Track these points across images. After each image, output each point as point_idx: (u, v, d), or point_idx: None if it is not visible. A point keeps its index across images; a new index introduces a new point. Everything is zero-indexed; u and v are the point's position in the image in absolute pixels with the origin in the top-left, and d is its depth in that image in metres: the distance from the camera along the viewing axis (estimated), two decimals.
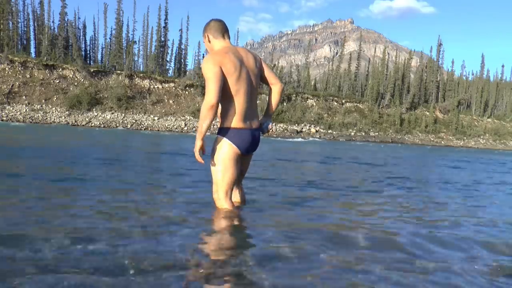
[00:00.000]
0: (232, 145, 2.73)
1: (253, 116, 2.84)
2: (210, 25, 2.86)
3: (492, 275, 1.90)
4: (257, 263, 1.89)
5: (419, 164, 12.10)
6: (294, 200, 3.68)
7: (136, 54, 50.91)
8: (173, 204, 3.28)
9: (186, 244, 2.13)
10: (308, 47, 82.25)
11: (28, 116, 36.41)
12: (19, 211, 2.65)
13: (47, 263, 1.71)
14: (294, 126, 48.21)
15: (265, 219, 2.88)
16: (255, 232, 2.53)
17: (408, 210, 3.65)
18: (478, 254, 2.26)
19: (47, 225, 2.34)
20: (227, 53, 2.68)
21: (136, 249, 1.95)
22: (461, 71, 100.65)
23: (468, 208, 3.98)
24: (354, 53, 68.72)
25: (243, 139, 2.75)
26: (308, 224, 2.80)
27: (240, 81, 2.68)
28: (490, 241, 2.52)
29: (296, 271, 1.81)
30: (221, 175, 2.76)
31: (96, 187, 3.80)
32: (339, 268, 1.91)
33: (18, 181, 3.88)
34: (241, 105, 2.71)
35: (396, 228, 2.78)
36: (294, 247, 2.13)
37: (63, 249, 1.89)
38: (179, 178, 4.93)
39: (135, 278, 1.63)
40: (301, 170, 7.59)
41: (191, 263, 1.86)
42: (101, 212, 2.77)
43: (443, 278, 1.83)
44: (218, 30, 2.82)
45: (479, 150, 38.81)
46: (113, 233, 2.21)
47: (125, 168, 5.84)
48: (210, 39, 2.84)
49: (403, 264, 1.99)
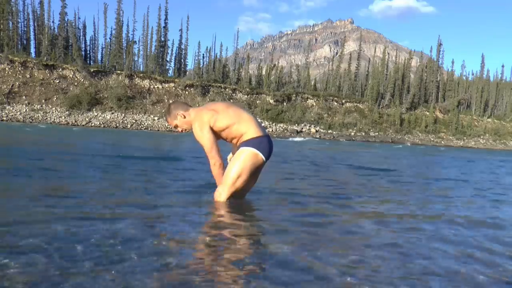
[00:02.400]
0: (258, 154, 2.91)
1: (262, 126, 3.10)
2: (172, 107, 3.08)
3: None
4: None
5: (481, 169, 10.69)
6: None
7: (136, 54, 50.99)
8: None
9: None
10: (308, 47, 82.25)
11: (28, 116, 36.42)
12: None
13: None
14: (294, 126, 48.22)
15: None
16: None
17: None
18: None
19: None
20: (204, 108, 3.05)
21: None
22: (461, 71, 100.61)
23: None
24: (354, 53, 68.71)
25: (264, 146, 2.95)
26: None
27: (232, 107, 3.03)
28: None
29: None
30: (235, 180, 2.91)
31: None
32: (344, 268, 1.91)
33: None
34: (250, 118, 2.99)
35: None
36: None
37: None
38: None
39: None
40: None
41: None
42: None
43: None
44: (182, 106, 3.08)
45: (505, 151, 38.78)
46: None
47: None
48: (184, 115, 3.04)
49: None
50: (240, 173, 2.88)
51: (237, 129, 2.94)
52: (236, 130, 2.95)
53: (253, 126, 2.95)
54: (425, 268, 1.98)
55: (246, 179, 2.93)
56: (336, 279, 1.75)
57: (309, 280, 1.74)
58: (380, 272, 1.88)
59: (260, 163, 2.95)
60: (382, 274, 1.86)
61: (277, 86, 53.64)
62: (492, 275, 1.94)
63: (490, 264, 2.10)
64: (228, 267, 1.84)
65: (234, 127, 2.94)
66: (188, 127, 3.07)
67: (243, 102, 49.29)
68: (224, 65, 54.36)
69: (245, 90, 51.35)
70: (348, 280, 1.76)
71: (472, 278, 1.88)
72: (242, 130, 2.94)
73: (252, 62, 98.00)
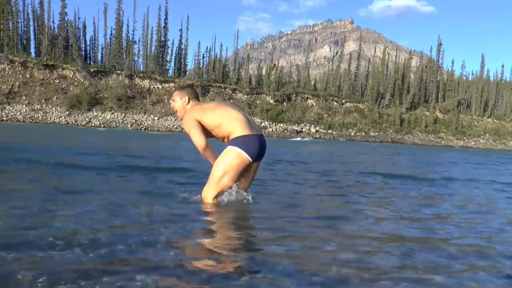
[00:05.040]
0: (242, 153, 2.87)
1: (255, 124, 3.06)
2: (189, 90, 3.20)
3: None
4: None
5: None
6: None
7: (136, 54, 51.05)
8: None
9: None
10: (308, 47, 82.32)
11: (28, 116, 36.44)
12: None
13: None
14: (294, 126, 48.24)
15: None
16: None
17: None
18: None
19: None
20: (198, 105, 3.11)
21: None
22: (461, 71, 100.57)
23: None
24: (354, 53, 68.73)
25: (252, 145, 2.90)
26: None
27: (222, 106, 3.05)
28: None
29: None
30: (219, 179, 2.89)
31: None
32: (350, 268, 1.91)
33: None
34: (238, 116, 2.96)
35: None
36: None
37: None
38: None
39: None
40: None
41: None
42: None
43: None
44: (194, 94, 3.18)
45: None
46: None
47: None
48: (188, 101, 3.13)
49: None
50: (224, 172, 2.86)
51: (225, 127, 2.95)
52: (225, 128, 2.96)
53: (240, 125, 2.92)
54: (427, 268, 1.98)
55: (232, 178, 2.89)
56: (336, 279, 1.75)
57: (306, 282, 1.73)
58: (382, 274, 1.88)
59: (246, 163, 2.90)
60: (384, 275, 1.86)
61: (277, 86, 53.66)
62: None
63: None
64: (219, 267, 1.84)
65: (222, 126, 2.96)
66: (180, 112, 3.13)
67: (243, 102, 49.32)
68: (224, 65, 54.38)
69: (245, 90, 51.37)
70: (348, 280, 1.76)
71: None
72: (229, 129, 2.94)
73: (252, 62, 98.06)
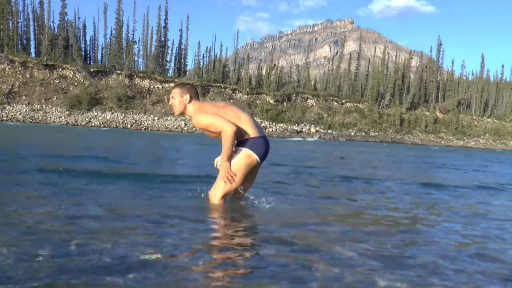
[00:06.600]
0: (252, 155, 2.89)
1: (260, 126, 3.08)
2: (189, 87, 3.13)
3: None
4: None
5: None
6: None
7: (136, 54, 50.99)
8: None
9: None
10: (308, 47, 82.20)
11: (28, 116, 36.42)
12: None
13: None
14: (294, 126, 48.21)
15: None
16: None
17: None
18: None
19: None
20: (205, 103, 3.04)
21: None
22: (461, 71, 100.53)
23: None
24: (354, 53, 68.68)
25: (260, 146, 2.94)
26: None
27: (230, 106, 3.01)
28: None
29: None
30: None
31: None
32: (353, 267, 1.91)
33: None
34: (247, 118, 2.96)
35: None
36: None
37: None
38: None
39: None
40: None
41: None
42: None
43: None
44: (194, 92, 3.13)
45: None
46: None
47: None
48: (190, 99, 3.05)
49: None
50: (234, 172, 2.87)
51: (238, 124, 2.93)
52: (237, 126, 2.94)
53: (251, 127, 2.94)
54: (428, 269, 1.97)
55: (240, 178, 2.90)
56: (336, 280, 1.75)
57: (308, 280, 1.73)
58: (383, 276, 1.87)
59: (255, 164, 2.93)
60: (386, 276, 1.86)
61: (277, 86, 53.63)
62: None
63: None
64: (222, 268, 1.84)
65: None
66: (179, 109, 3.05)
67: (243, 102, 49.28)
68: (224, 65, 54.34)
69: (245, 90, 51.35)
70: (349, 281, 1.76)
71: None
72: (240, 130, 2.93)
73: (252, 62, 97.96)
